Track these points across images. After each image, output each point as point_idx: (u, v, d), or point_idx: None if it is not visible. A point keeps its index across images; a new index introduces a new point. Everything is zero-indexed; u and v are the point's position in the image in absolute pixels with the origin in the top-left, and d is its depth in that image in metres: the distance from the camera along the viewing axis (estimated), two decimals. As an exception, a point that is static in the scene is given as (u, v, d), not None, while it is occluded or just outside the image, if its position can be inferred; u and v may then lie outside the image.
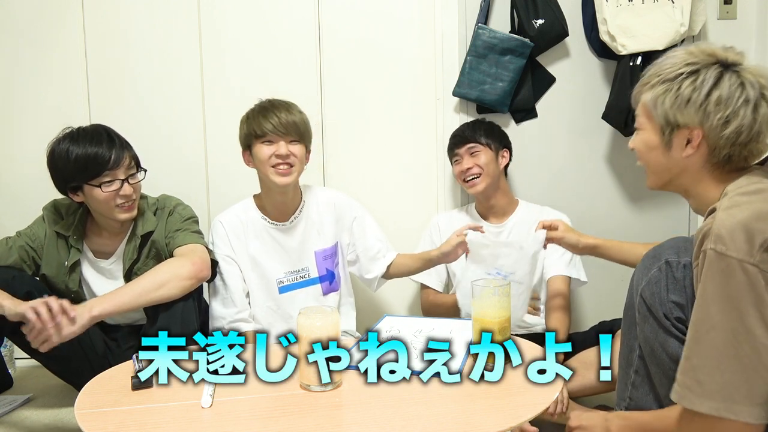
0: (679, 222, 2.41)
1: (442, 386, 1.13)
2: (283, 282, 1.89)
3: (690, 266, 1.12)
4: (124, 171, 1.76)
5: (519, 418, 1.01)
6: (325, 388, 1.12)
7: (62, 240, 1.86)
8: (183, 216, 1.87)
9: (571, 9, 2.26)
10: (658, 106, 1.14)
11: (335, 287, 1.95)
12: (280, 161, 1.78)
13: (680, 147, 1.14)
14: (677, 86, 1.12)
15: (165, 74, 2.34)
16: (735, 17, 2.30)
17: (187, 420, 1.04)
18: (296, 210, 1.91)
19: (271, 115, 1.78)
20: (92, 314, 1.50)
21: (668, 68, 1.15)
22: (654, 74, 1.17)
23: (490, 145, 2.02)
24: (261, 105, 1.84)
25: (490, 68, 2.23)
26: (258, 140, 1.79)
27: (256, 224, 1.88)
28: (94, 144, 1.73)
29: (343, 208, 1.96)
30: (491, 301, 1.21)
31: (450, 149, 2.10)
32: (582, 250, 1.69)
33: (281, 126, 1.77)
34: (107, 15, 2.32)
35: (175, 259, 1.72)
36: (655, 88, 1.15)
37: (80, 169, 1.71)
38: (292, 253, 1.89)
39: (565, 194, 2.36)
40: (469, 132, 2.05)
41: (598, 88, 2.32)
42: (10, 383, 2.09)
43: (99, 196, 1.74)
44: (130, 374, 1.20)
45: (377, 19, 2.32)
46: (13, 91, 2.35)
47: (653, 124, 1.17)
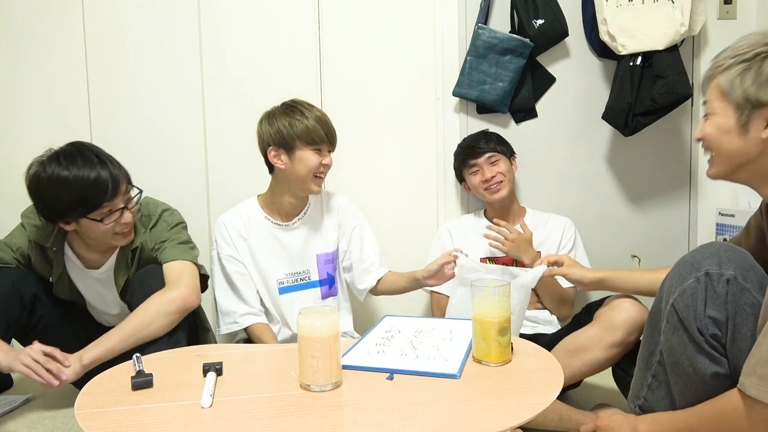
0: (679, 222, 2.41)
1: (442, 386, 1.13)
2: (284, 283, 1.89)
3: (735, 281, 1.07)
4: (123, 198, 1.64)
5: (519, 418, 1.00)
6: (324, 388, 1.12)
7: (41, 251, 1.79)
8: (170, 223, 1.82)
9: (571, 9, 2.26)
10: (736, 86, 1.12)
11: (334, 292, 1.96)
12: (323, 171, 1.82)
13: (759, 128, 1.11)
14: (758, 65, 1.10)
15: (165, 74, 2.34)
16: (735, 17, 2.30)
17: (187, 420, 1.04)
18: (301, 212, 1.91)
19: (318, 120, 1.78)
20: (83, 363, 1.53)
21: (745, 49, 1.12)
22: (728, 56, 1.14)
23: (505, 153, 2.10)
24: (298, 105, 1.80)
25: (490, 68, 2.23)
26: (307, 146, 1.77)
27: (260, 224, 1.88)
28: (86, 171, 1.55)
29: (346, 214, 1.97)
30: (491, 301, 1.21)
31: (463, 161, 2.12)
32: (588, 285, 1.62)
33: (333, 138, 1.82)
34: (107, 15, 2.33)
35: (162, 293, 1.65)
36: (732, 68, 1.12)
37: (76, 203, 1.56)
38: (294, 254, 1.89)
39: (565, 194, 2.36)
40: (483, 143, 2.09)
41: (598, 88, 2.32)
42: (10, 383, 2.09)
43: (99, 229, 1.63)
44: (130, 374, 1.21)
45: (377, 19, 2.32)
46: (13, 91, 2.35)
47: (729, 106, 1.14)
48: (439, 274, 1.74)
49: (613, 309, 1.60)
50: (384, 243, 2.07)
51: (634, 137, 2.24)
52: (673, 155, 2.38)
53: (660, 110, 2.13)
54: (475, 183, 2.09)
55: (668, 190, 2.40)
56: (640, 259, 2.41)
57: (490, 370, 1.20)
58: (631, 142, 2.32)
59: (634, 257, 2.41)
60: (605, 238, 2.36)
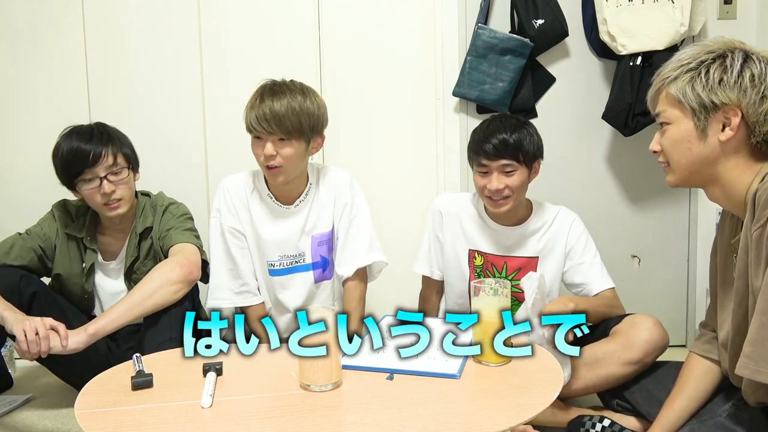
0: (679, 222, 2.41)
1: (442, 386, 1.13)
2: (275, 266, 1.82)
3: None
4: (104, 168, 1.75)
5: (519, 418, 1.01)
6: (324, 388, 1.12)
7: (74, 242, 1.87)
8: (175, 214, 1.88)
9: (571, 9, 2.26)
10: (688, 93, 1.13)
11: (328, 276, 1.88)
12: (270, 162, 1.68)
13: (717, 131, 1.13)
14: (705, 70, 1.12)
15: (165, 74, 2.34)
16: (735, 17, 2.30)
17: (187, 420, 1.04)
18: (302, 194, 1.83)
19: (263, 105, 1.64)
20: (88, 332, 1.54)
21: (688, 59, 1.14)
22: (673, 68, 1.16)
23: (526, 161, 1.72)
24: (264, 87, 1.71)
25: (490, 68, 2.23)
26: (250, 133, 1.70)
27: (262, 203, 1.82)
28: (77, 141, 1.75)
29: (341, 190, 1.84)
30: (491, 301, 1.21)
31: (475, 152, 1.73)
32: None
33: (267, 122, 1.63)
34: (107, 15, 2.32)
35: (163, 263, 1.72)
36: (680, 78, 1.14)
37: (64, 167, 1.75)
38: (293, 236, 1.81)
39: (565, 194, 2.36)
40: (512, 144, 1.68)
41: (598, 88, 2.32)
42: (10, 383, 2.08)
43: (84, 194, 1.78)
44: (130, 374, 1.21)
45: (377, 19, 2.32)
46: (13, 91, 2.35)
47: (684, 114, 1.15)
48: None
49: (635, 327, 1.58)
50: (384, 243, 2.06)
51: (634, 137, 2.24)
52: (673, 155, 2.38)
53: (660, 110, 2.13)
54: (479, 185, 1.76)
55: (668, 190, 2.40)
56: (640, 259, 2.41)
57: (490, 370, 1.20)
58: (631, 142, 2.32)
59: (634, 257, 2.41)
60: (605, 238, 2.35)
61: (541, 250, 1.83)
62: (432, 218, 1.93)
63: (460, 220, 1.87)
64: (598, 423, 1.50)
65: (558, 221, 1.85)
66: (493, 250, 1.84)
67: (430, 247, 1.93)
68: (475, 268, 1.86)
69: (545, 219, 1.85)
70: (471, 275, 1.86)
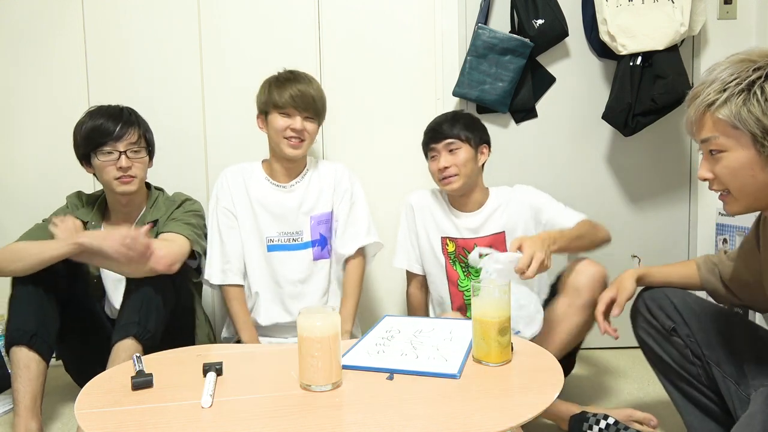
0: (679, 222, 2.42)
1: (442, 386, 1.13)
2: (273, 241, 1.96)
3: None
4: (125, 145, 1.81)
5: (519, 418, 1.01)
6: (324, 388, 1.12)
7: (82, 226, 1.90)
8: (186, 209, 1.94)
9: (571, 9, 2.27)
10: (745, 118, 1.04)
11: (326, 255, 2.00)
12: (294, 135, 1.88)
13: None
14: (759, 91, 1.03)
15: (165, 73, 2.34)
16: (735, 17, 2.30)
17: (187, 420, 1.04)
18: (298, 175, 1.99)
19: (291, 87, 1.86)
20: (77, 240, 1.63)
21: (733, 79, 1.06)
22: (716, 91, 1.07)
23: (470, 141, 1.86)
24: (283, 75, 1.92)
25: (490, 68, 2.23)
26: (275, 110, 1.87)
27: (260, 182, 1.97)
28: (104, 117, 1.82)
29: (342, 178, 2.02)
30: (491, 301, 1.22)
31: (425, 144, 1.93)
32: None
33: (300, 101, 1.85)
34: (107, 15, 2.32)
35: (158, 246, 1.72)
36: (731, 101, 1.05)
37: (86, 138, 1.81)
38: (289, 214, 1.96)
39: (565, 194, 2.35)
40: (447, 126, 1.87)
41: (598, 88, 2.32)
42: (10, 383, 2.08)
43: (99, 165, 1.81)
44: (130, 374, 1.21)
45: (377, 19, 2.32)
46: (13, 92, 2.35)
47: (741, 140, 1.07)
48: None
49: (574, 273, 1.66)
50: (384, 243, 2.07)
51: (634, 137, 2.24)
52: (673, 155, 2.38)
53: (660, 110, 2.13)
54: (432, 170, 1.91)
55: (668, 190, 2.40)
56: (640, 259, 2.41)
57: (490, 370, 1.20)
58: (631, 142, 2.32)
59: (634, 257, 2.41)
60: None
61: (506, 223, 1.92)
62: (405, 213, 2.04)
63: (431, 211, 1.99)
64: (603, 420, 1.51)
65: (516, 194, 1.95)
66: (462, 234, 1.94)
67: (407, 241, 2.03)
68: (449, 255, 1.94)
69: (502, 197, 1.95)
70: (447, 262, 1.95)
